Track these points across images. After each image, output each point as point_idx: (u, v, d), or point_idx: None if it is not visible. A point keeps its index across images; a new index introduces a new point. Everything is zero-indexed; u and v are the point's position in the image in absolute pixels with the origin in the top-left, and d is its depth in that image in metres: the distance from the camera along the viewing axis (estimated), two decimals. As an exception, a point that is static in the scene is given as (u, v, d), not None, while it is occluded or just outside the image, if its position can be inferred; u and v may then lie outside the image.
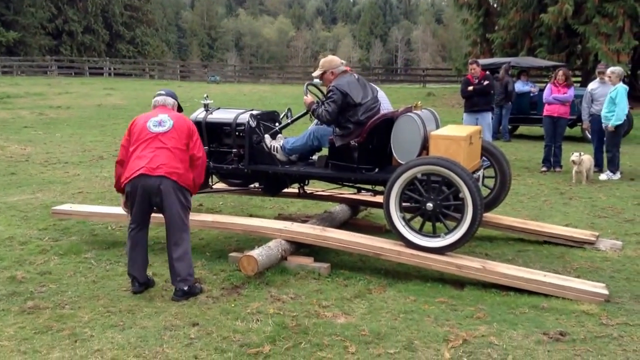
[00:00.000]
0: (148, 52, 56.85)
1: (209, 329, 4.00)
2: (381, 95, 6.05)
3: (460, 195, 4.81)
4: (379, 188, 5.70)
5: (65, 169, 10.29)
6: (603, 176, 9.55)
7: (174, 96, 5.05)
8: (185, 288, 4.54)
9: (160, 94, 5.02)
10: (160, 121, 4.71)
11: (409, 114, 5.35)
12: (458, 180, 4.76)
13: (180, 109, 5.08)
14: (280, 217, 6.91)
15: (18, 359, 3.60)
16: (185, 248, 4.60)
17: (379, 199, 5.81)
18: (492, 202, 6.02)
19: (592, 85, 10.33)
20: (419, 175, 4.94)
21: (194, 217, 5.91)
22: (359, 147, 5.40)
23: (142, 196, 4.56)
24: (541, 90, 12.11)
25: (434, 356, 3.65)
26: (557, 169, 10.28)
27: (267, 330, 3.98)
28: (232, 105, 6.95)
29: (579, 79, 21.97)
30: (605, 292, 4.53)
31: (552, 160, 10.37)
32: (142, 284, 4.70)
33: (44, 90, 26.45)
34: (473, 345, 3.78)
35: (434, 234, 5.02)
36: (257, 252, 4.94)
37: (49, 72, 40.11)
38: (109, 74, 40.75)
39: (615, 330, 4.00)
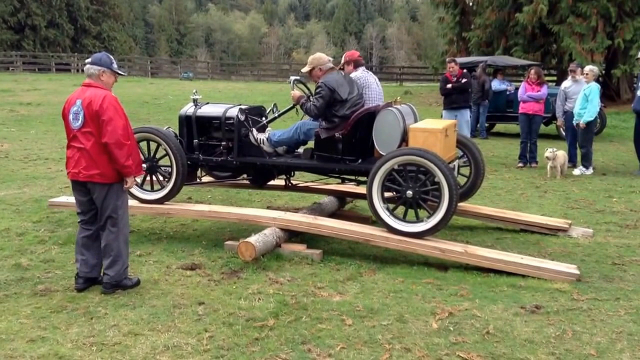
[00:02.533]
0: (115, 48, 55.76)
1: (215, 306, 4.32)
2: (378, 91, 6.30)
3: (436, 179, 5.18)
4: (362, 178, 6.04)
5: (46, 164, 10.40)
6: (576, 171, 10.02)
7: (99, 62, 4.61)
8: (108, 279, 4.60)
9: (87, 62, 4.67)
10: (76, 113, 4.52)
11: (389, 108, 5.73)
12: (433, 167, 5.15)
13: (114, 72, 4.68)
14: (269, 209, 7.19)
15: (39, 334, 3.87)
16: (112, 240, 4.63)
17: (361, 189, 6.16)
18: (469, 189, 6.45)
19: (566, 84, 10.80)
20: (395, 167, 5.31)
21: (191, 207, 6.23)
22: (343, 139, 5.74)
23: (77, 193, 4.71)
24: (517, 89, 12.59)
25: (423, 326, 4.02)
26: (533, 165, 10.73)
27: (269, 307, 4.31)
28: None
29: (554, 78, 22.62)
30: (577, 272, 4.95)
31: (527, 156, 10.83)
32: (87, 280, 4.72)
33: (11, 87, 26.16)
34: (458, 317, 4.17)
35: (417, 219, 5.39)
36: (254, 239, 5.25)
37: (12, 67, 39.24)
38: (77, 70, 39.97)
39: (585, 304, 4.41)
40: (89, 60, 4.68)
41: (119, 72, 4.76)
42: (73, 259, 5.40)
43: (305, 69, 6.09)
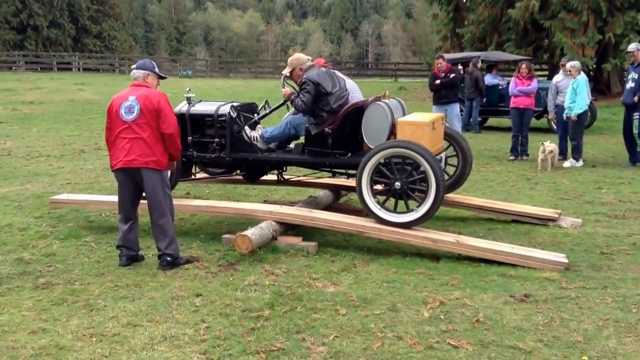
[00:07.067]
0: (115, 47, 56.02)
1: (212, 298, 4.42)
2: (352, 85, 6.49)
3: (422, 169, 5.30)
4: (352, 171, 6.15)
5: (48, 162, 10.53)
6: (567, 163, 10.16)
7: (144, 67, 5.28)
8: (169, 258, 5.10)
9: (133, 68, 5.34)
10: (130, 107, 5.01)
11: (378, 102, 5.86)
12: (419, 158, 5.27)
13: (160, 77, 5.40)
14: (266, 203, 7.29)
15: (40, 326, 3.97)
16: (165, 222, 5.13)
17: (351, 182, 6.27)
18: (459, 178, 6.58)
19: (557, 78, 10.98)
20: (382, 160, 5.43)
21: (189, 202, 6.37)
22: (332, 134, 5.86)
23: (128, 184, 5.14)
24: (509, 84, 12.73)
25: (415, 315, 4.13)
26: (524, 158, 10.88)
27: (265, 298, 4.42)
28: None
29: (546, 72, 22.80)
30: (566, 260, 5.07)
31: (519, 150, 10.97)
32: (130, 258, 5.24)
33: (13, 86, 26.23)
34: (449, 306, 4.28)
35: (408, 209, 5.49)
36: (250, 232, 5.36)
37: (14, 67, 39.46)
38: (78, 69, 40.26)
39: (573, 292, 4.52)
40: (134, 66, 5.35)
41: (161, 75, 5.45)
42: (73, 253, 5.54)
43: (285, 71, 6.25)
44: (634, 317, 4.08)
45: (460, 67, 14.05)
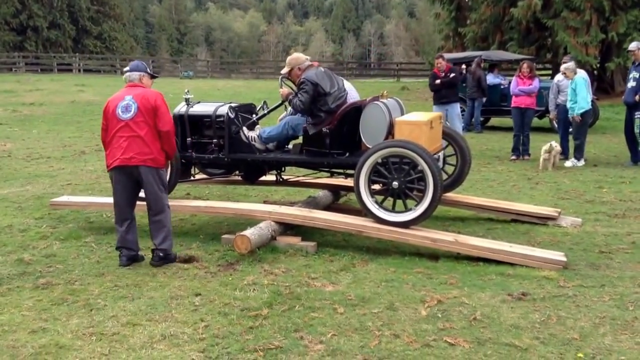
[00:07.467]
0: (116, 48, 56.12)
1: (211, 297, 4.45)
2: (348, 86, 6.53)
3: (419, 168, 5.32)
4: (350, 171, 6.17)
5: (48, 163, 10.57)
6: (568, 163, 10.17)
7: (137, 68, 5.39)
8: (161, 254, 5.18)
9: (126, 71, 5.43)
10: (127, 106, 5.11)
11: (375, 102, 5.88)
12: (416, 157, 5.30)
13: (152, 76, 5.52)
14: (266, 204, 7.31)
15: (41, 325, 4.00)
16: (163, 217, 5.23)
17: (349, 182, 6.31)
18: (458, 177, 6.58)
19: (558, 77, 10.96)
20: (380, 159, 5.45)
21: (189, 203, 6.39)
22: (330, 134, 5.89)
23: (124, 182, 5.19)
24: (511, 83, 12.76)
25: (412, 314, 4.15)
26: (526, 157, 10.90)
27: (264, 297, 4.44)
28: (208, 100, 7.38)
29: (549, 71, 22.80)
30: (564, 259, 5.08)
31: (520, 149, 10.98)
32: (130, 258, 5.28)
33: (13, 87, 26.33)
34: (446, 305, 4.30)
35: (406, 208, 5.51)
36: (249, 232, 5.39)
37: (14, 68, 39.55)
38: (79, 70, 40.30)
39: (570, 291, 4.54)
40: (127, 68, 5.44)
41: (154, 75, 5.64)
42: (74, 253, 5.57)
43: (284, 70, 6.29)
44: (631, 315, 4.10)
45: (463, 66, 14.08)
